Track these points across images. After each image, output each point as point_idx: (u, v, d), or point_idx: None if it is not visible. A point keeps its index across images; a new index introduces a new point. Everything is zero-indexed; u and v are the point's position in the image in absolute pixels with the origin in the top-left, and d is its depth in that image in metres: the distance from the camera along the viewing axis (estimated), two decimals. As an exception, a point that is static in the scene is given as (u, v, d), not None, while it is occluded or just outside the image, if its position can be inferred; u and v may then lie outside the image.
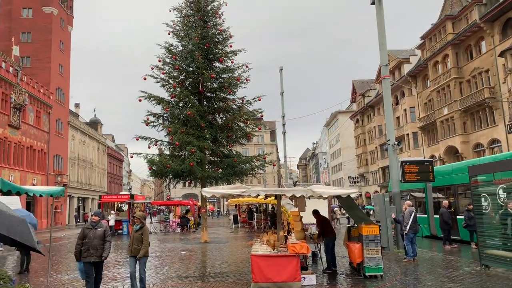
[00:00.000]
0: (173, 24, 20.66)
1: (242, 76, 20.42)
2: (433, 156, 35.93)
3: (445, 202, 15.41)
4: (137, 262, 7.63)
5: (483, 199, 9.87)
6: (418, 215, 18.31)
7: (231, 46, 20.95)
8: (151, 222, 32.89)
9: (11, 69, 34.80)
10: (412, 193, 20.31)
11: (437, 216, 16.52)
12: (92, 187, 56.64)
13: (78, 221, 46.25)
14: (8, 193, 7.18)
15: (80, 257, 7.33)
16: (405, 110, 42.68)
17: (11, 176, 33.49)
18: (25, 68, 40.27)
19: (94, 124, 64.61)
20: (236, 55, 20.88)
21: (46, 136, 41.43)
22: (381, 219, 14.00)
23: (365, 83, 62.01)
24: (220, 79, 20.52)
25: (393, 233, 14.48)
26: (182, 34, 20.56)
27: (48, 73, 43.74)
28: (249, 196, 9.08)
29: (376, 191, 51.16)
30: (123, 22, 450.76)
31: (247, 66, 20.57)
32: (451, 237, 15.14)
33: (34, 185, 36.30)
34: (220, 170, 20.19)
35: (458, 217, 15.68)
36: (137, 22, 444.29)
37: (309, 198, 9.74)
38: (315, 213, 11.06)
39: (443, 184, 17.34)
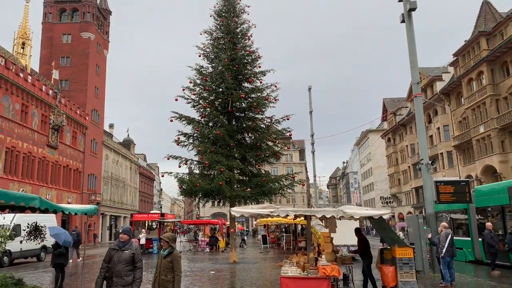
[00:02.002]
0: (204, 47, 21.23)
1: (271, 96, 20.58)
2: (469, 176, 34.58)
3: (488, 224, 14.58)
4: None
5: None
6: (460, 238, 17.57)
7: (259, 67, 21.23)
8: (180, 241, 33.09)
9: (50, 92, 36.56)
10: (451, 214, 19.43)
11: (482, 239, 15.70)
12: (124, 206, 57.82)
13: (98, 240, 44.81)
14: (46, 211, 7.42)
15: (102, 285, 5.91)
16: (438, 128, 41.54)
17: (48, 194, 34.73)
18: (63, 91, 42.25)
19: (127, 144, 66.43)
20: (264, 75, 21.14)
21: (81, 156, 42.90)
22: (415, 241, 13.50)
23: (396, 101, 60.97)
24: (249, 99, 20.73)
25: (428, 256, 13.89)
26: (213, 56, 21.06)
27: (85, 95, 45.65)
28: (278, 216, 9.00)
29: (410, 212, 49.55)
30: (155, 44, 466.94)
31: (275, 86, 20.74)
32: (499, 262, 14.29)
33: (69, 203, 37.48)
34: (248, 189, 20.17)
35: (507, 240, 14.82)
36: (167, 44, 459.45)
37: (339, 219, 9.55)
38: (357, 231, 10.99)
39: (488, 205, 16.46)
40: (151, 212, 41.03)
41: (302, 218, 13.07)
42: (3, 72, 29.24)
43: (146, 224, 31.47)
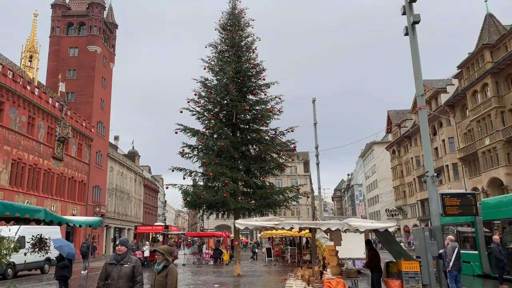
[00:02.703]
0: (209, 60, 21.42)
1: (275, 108, 20.68)
2: (475, 189, 34.30)
3: (496, 238, 14.38)
4: None
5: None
6: (467, 252, 17.32)
7: (264, 79, 21.40)
8: (184, 254, 32.91)
9: (57, 104, 36.91)
10: (458, 227, 19.20)
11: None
12: (128, 218, 57.73)
13: (98, 252, 41.86)
14: (50, 223, 7.44)
15: None
16: (443, 140, 41.38)
17: (53, 206, 34.79)
18: (69, 103, 42.63)
19: (132, 155, 66.62)
20: (269, 87, 21.27)
21: (86, 168, 43.05)
22: (422, 254, 13.34)
23: (400, 113, 60.93)
24: (253, 111, 20.82)
25: (435, 269, 13.69)
26: (217, 69, 21.22)
27: (91, 107, 46.01)
28: (282, 229, 8.96)
29: (415, 225, 49.09)
30: (161, 57, 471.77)
31: (280, 98, 20.84)
32: (507, 276, 14.05)
33: (74, 215, 37.50)
34: (253, 201, 20.11)
35: None
36: (173, 57, 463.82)
37: (345, 231, 9.49)
38: (368, 244, 10.89)
39: (495, 218, 16.27)
40: (155, 224, 40.92)
41: (307, 231, 12.98)
42: (10, 84, 29.60)
43: (150, 236, 31.38)
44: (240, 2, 22.63)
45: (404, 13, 14.44)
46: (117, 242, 5.62)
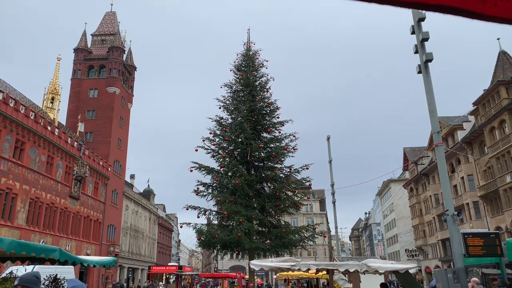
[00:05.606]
0: (224, 99, 21.86)
1: (290, 146, 20.71)
2: (498, 228, 33.04)
3: None
4: None
5: None
6: (493, 296, 16.40)
7: (278, 117, 21.59)
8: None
9: (75, 144, 37.74)
10: (483, 269, 18.34)
11: None
12: (142, 257, 57.03)
13: None
14: (65, 262, 7.40)
15: None
16: (462, 178, 40.44)
17: (68, 245, 34.74)
18: (87, 143, 43.59)
19: (147, 194, 66.83)
20: (283, 125, 21.43)
21: (102, 207, 43.23)
22: (446, 298, 12.72)
23: (416, 150, 60.23)
24: (268, 149, 20.89)
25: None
26: (232, 108, 21.60)
27: (108, 146, 46.86)
28: (299, 270, 8.72)
29: (437, 266, 47.13)
30: (176, 97, 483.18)
31: (294, 136, 20.93)
32: None
33: (88, 254, 37.27)
34: (268, 241, 19.73)
35: None
36: (189, 97, 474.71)
37: (363, 273, 9.17)
38: (383, 287, 10.39)
39: None
40: (169, 264, 40.32)
41: (325, 272, 12.58)
42: (32, 125, 30.52)
43: (164, 276, 30.87)
44: (254, 44, 23.40)
45: (416, 52, 14.63)
46: (15, 282, 3.96)
